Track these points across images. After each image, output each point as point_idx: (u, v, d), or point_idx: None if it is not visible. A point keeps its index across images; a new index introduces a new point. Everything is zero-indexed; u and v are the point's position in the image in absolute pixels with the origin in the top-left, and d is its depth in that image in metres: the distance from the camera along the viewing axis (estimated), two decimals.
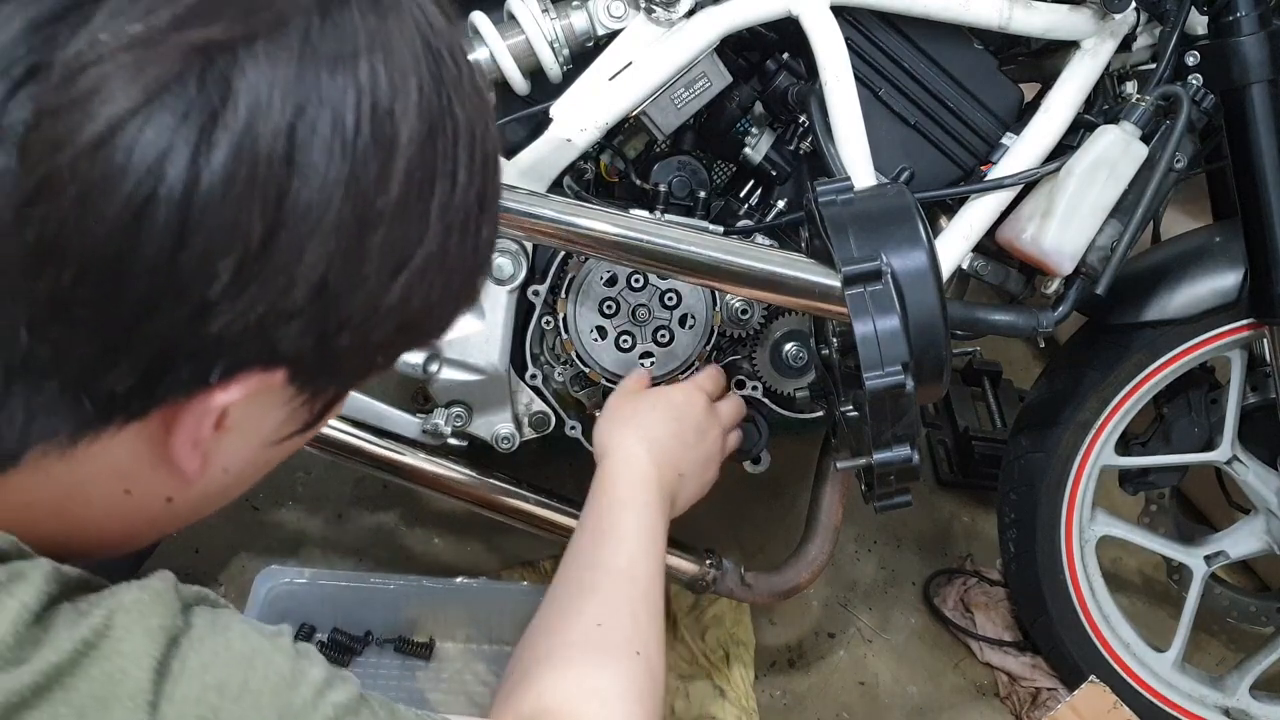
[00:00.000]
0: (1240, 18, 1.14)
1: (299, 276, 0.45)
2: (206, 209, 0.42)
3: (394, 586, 1.35)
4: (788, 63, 1.14)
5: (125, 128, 0.40)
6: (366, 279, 0.47)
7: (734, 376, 1.22)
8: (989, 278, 1.24)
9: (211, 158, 0.41)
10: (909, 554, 1.73)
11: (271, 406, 0.51)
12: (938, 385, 0.91)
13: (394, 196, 0.46)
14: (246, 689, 0.47)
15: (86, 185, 0.40)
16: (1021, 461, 1.41)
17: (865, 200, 0.93)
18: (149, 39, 0.41)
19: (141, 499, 0.52)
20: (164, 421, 0.48)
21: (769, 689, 1.50)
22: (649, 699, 0.76)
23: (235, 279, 0.43)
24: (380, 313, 0.48)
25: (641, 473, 0.97)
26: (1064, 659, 1.48)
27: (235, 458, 0.53)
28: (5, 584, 0.44)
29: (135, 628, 0.45)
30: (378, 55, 0.46)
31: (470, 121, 0.50)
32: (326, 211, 0.44)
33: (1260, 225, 1.21)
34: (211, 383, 0.46)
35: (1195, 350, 1.31)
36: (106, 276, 0.42)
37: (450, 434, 1.21)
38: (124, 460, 0.49)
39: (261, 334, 0.45)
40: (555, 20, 1.07)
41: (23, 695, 0.41)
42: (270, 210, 0.43)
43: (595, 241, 0.98)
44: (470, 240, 0.51)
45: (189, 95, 0.41)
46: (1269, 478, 1.36)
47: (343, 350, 0.49)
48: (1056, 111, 1.15)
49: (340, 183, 0.45)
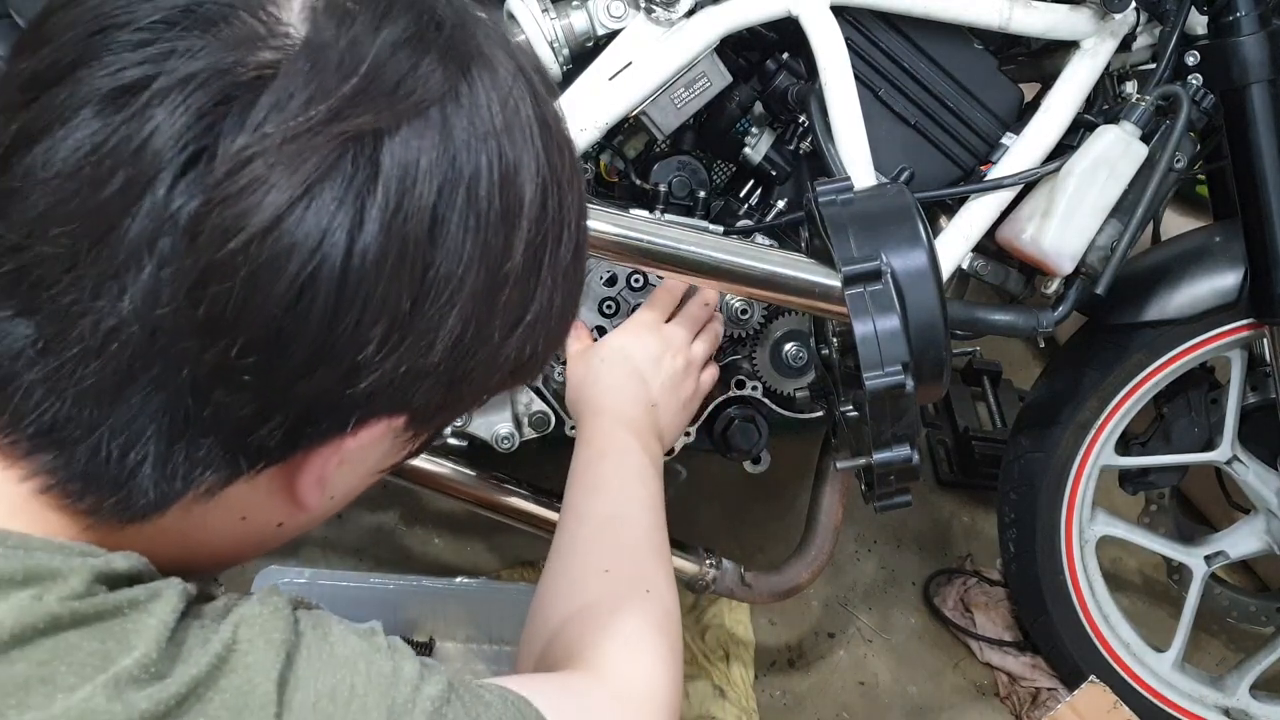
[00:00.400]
0: (1240, 18, 1.14)
1: (439, 339, 0.49)
2: (361, 284, 0.46)
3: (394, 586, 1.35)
4: (788, 63, 1.14)
5: (290, 215, 0.44)
6: (492, 335, 0.52)
7: (734, 376, 1.21)
8: (989, 278, 1.24)
9: (364, 237, 0.45)
10: (909, 554, 1.73)
11: (382, 443, 0.55)
12: (938, 385, 0.91)
13: (518, 260, 0.51)
14: (355, 692, 0.50)
15: (255, 268, 0.44)
16: (1021, 461, 1.41)
17: (865, 200, 0.93)
18: (309, 130, 0.44)
19: (255, 525, 0.56)
20: (295, 463, 0.52)
21: (769, 689, 1.50)
22: (666, 633, 0.78)
23: (383, 343, 0.47)
24: (499, 363, 0.53)
25: (611, 420, 0.97)
26: (1064, 659, 1.48)
27: (342, 486, 0.58)
28: (145, 603, 0.47)
29: (259, 641, 0.48)
30: (502, 132, 0.50)
31: (570, 181, 0.55)
32: (464, 280, 0.49)
33: (1260, 225, 1.22)
34: (347, 432, 0.51)
35: (1195, 350, 1.31)
36: (269, 346, 0.46)
37: (450, 434, 1.21)
38: (247, 495, 0.53)
39: (400, 390, 0.50)
40: (555, 20, 1.07)
41: (168, 706, 0.44)
42: (416, 282, 0.47)
43: (595, 241, 0.98)
44: (571, 289, 0.56)
45: (344, 182, 0.45)
46: (1269, 478, 1.36)
47: (461, 396, 0.54)
48: (1056, 111, 1.15)
49: (475, 253, 0.49)
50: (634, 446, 0.95)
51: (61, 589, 0.45)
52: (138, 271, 0.44)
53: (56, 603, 0.44)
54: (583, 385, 1.03)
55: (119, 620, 0.46)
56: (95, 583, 0.46)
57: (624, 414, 0.98)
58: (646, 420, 0.99)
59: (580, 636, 0.76)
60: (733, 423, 1.23)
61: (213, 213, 0.44)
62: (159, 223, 0.44)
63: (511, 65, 0.52)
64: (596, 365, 1.03)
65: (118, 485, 0.48)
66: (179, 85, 0.44)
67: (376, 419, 0.51)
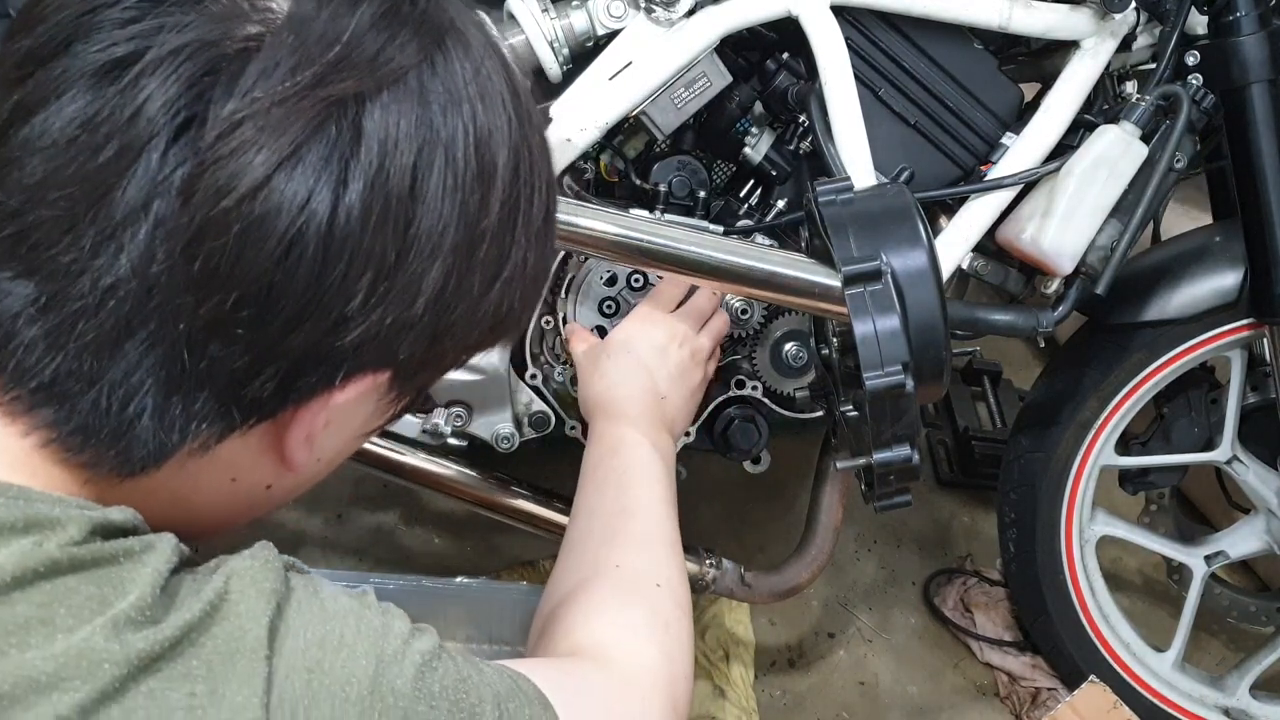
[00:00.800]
0: (1240, 17, 1.14)
1: (422, 291, 0.52)
2: (347, 239, 0.48)
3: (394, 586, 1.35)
4: (788, 63, 1.14)
5: (279, 174, 0.47)
6: (472, 289, 0.54)
7: (734, 376, 1.22)
8: (989, 278, 1.24)
9: (349, 195, 0.48)
10: (909, 554, 1.73)
11: (367, 402, 0.58)
12: (938, 385, 0.91)
13: (494, 218, 0.54)
14: (344, 641, 0.51)
15: (247, 225, 0.47)
16: (1021, 461, 1.41)
17: (865, 200, 0.93)
18: (295, 95, 0.47)
19: (245, 486, 0.58)
20: (284, 420, 0.54)
21: (769, 689, 1.50)
22: (676, 626, 0.80)
23: (369, 295, 0.50)
24: (479, 318, 0.56)
25: (619, 416, 0.98)
26: (1064, 659, 1.48)
27: (329, 448, 0.60)
28: (139, 553, 0.49)
29: (250, 590, 0.50)
30: (476, 101, 0.53)
31: (540, 149, 0.58)
32: (444, 236, 0.52)
33: (1260, 225, 1.21)
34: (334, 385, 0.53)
35: (1195, 350, 1.31)
36: (261, 299, 0.48)
37: (450, 434, 1.21)
38: (238, 453, 0.55)
39: (385, 341, 0.52)
40: (555, 20, 1.07)
41: (162, 647, 0.46)
42: (399, 237, 0.50)
43: (595, 241, 0.98)
44: (544, 249, 0.60)
45: (329, 143, 0.48)
46: (1269, 478, 1.36)
47: (443, 351, 0.56)
48: (1056, 111, 1.15)
49: (454, 210, 0.52)
50: (643, 442, 0.96)
51: (60, 536, 0.47)
52: (134, 231, 0.47)
53: (56, 549, 0.46)
54: (590, 383, 1.03)
55: (115, 568, 0.48)
56: (92, 533, 0.48)
57: (632, 409, 0.99)
58: (655, 414, 1.00)
59: (588, 629, 0.77)
60: (733, 423, 1.23)
61: (205, 174, 0.46)
62: (154, 185, 0.46)
63: (482, 38, 0.56)
64: (603, 362, 1.03)
65: (117, 437, 0.50)
66: (169, 57, 0.47)
67: (363, 373, 0.53)
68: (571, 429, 1.24)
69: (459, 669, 0.56)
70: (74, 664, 0.44)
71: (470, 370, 1.18)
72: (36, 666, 0.44)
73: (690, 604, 0.85)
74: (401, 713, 0.51)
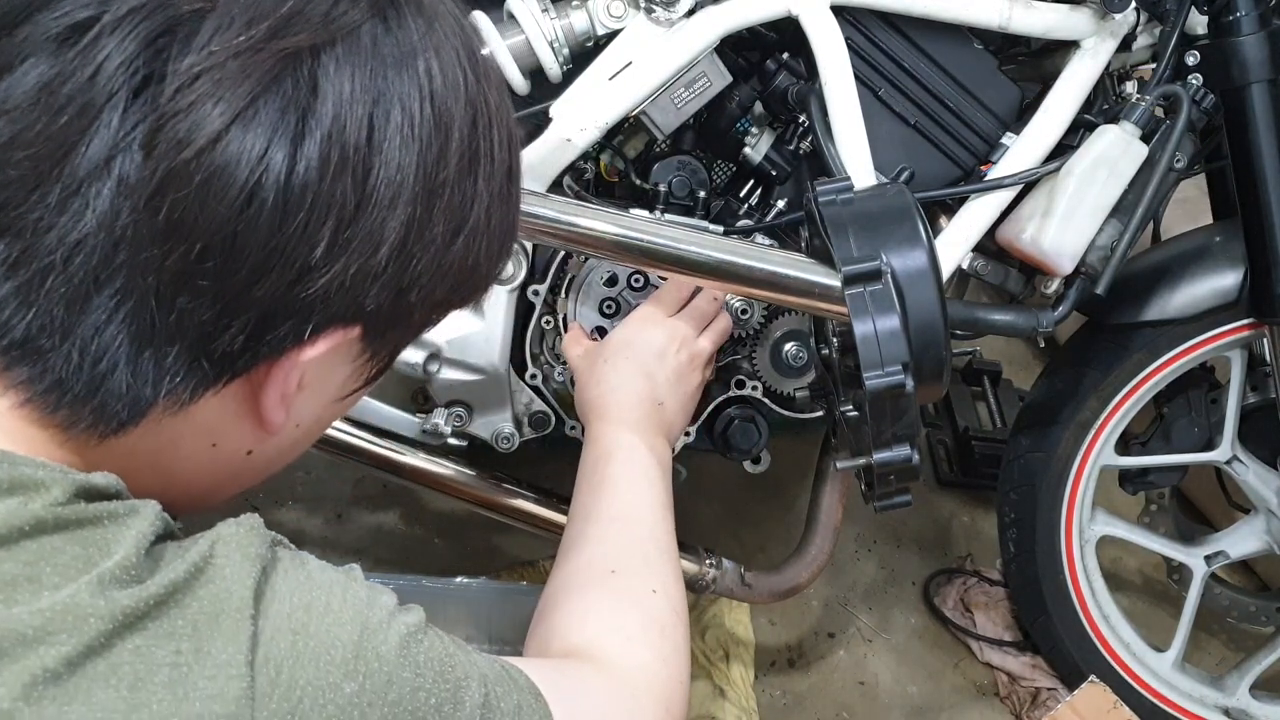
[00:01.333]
0: (1240, 17, 1.14)
1: (383, 240, 0.53)
2: (306, 187, 0.49)
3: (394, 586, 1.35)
4: (788, 63, 1.14)
5: (237, 124, 0.48)
6: (434, 240, 0.55)
7: (734, 376, 1.21)
8: (989, 278, 1.24)
9: (306, 146, 0.49)
10: (909, 554, 1.73)
11: (341, 363, 0.59)
12: (938, 385, 0.91)
13: (452, 170, 0.55)
14: (329, 608, 0.52)
15: (208, 175, 0.48)
16: (1021, 461, 1.41)
17: (865, 200, 0.93)
18: (250, 48, 0.48)
19: (226, 452, 0.58)
20: (258, 379, 0.55)
21: (769, 689, 1.50)
22: (671, 632, 0.80)
23: (332, 245, 0.51)
24: (443, 270, 0.57)
25: (616, 420, 0.98)
26: (1064, 659, 1.48)
27: (306, 413, 0.60)
28: (123, 516, 0.50)
29: (235, 555, 0.51)
30: (431, 53, 0.54)
31: (498, 105, 0.59)
32: (403, 185, 0.53)
33: (1260, 225, 1.21)
34: (304, 339, 0.53)
35: (1195, 350, 1.31)
36: (225, 249, 0.49)
37: (450, 434, 1.21)
38: (215, 415, 0.55)
39: (351, 292, 0.53)
40: (555, 20, 1.07)
41: (146, 605, 0.47)
42: (358, 186, 0.51)
43: (595, 241, 0.98)
44: (507, 206, 0.60)
45: (285, 94, 0.49)
46: (1269, 478, 1.36)
47: (410, 306, 0.57)
48: (1056, 111, 1.15)
49: (412, 160, 0.53)
50: (640, 446, 0.96)
51: (45, 498, 0.48)
52: (99, 187, 0.48)
53: (41, 509, 0.47)
54: (587, 386, 1.03)
55: (99, 529, 0.49)
56: (76, 495, 0.49)
57: (629, 414, 0.98)
58: (652, 419, 0.99)
59: (584, 634, 0.77)
60: (733, 423, 1.23)
61: (165, 127, 0.47)
62: (115, 142, 0.48)
63: None
64: (600, 365, 1.03)
65: (91, 392, 0.51)
66: (126, 17, 0.48)
67: (332, 328, 0.54)
68: (571, 429, 1.24)
69: (446, 646, 0.57)
70: (60, 619, 0.45)
71: (470, 370, 1.18)
72: (24, 621, 0.44)
73: (686, 610, 0.85)
74: (385, 677, 0.52)
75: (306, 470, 1.70)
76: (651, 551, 0.87)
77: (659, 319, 1.05)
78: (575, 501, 0.93)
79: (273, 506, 1.66)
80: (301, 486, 1.69)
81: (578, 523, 0.91)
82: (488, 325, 1.16)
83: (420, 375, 1.15)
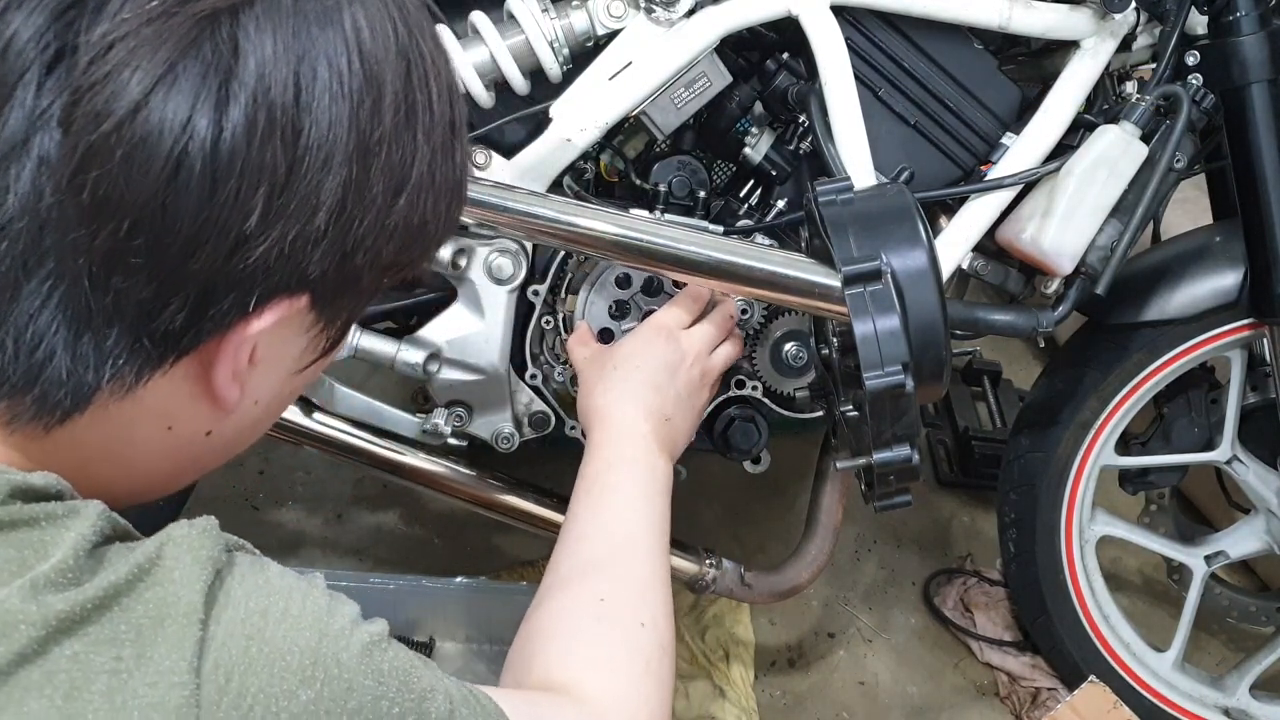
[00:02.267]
0: (1240, 18, 1.14)
1: (320, 204, 0.51)
2: (234, 154, 0.48)
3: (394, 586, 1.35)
4: (788, 63, 1.14)
5: (156, 93, 0.46)
6: (375, 200, 0.53)
7: (734, 376, 1.22)
8: (989, 278, 1.24)
9: (231, 110, 0.47)
10: (909, 554, 1.73)
11: (294, 335, 0.57)
12: (938, 385, 0.91)
13: (388, 126, 0.53)
14: (287, 614, 0.51)
15: (130, 148, 0.46)
16: (1021, 461, 1.41)
17: (865, 200, 0.93)
18: (165, 13, 0.46)
19: (182, 434, 0.56)
20: (205, 356, 0.53)
21: (769, 689, 1.50)
22: (657, 669, 0.77)
23: (266, 212, 0.49)
24: (388, 230, 0.54)
25: (619, 432, 0.94)
26: (1064, 659, 1.48)
27: (264, 389, 0.58)
28: (63, 518, 0.48)
29: (185, 557, 0.49)
30: (356, 6, 0.52)
31: (434, 56, 0.56)
32: (336, 144, 0.51)
33: (1260, 225, 1.21)
34: (249, 312, 0.51)
35: (1195, 350, 1.31)
36: (155, 224, 0.47)
37: (450, 434, 1.21)
38: (167, 397, 0.54)
39: (292, 259, 0.51)
40: (555, 20, 1.07)
41: (84, 610, 0.45)
42: (289, 149, 0.49)
43: (595, 241, 0.98)
44: (451, 160, 0.58)
45: (205, 58, 0.47)
46: (1269, 478, 1.36)
47: (357, 270, 0.55)
48: (1056, 111, 1.15)
49: (343, 119, 0.51)
50: (642, 461, 0.93)
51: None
52: (18, 170, 0.46)
53: None
54: (594, 393, 0.99)
55: (35, 531, 0.47)
56: (11, 496, 0.47)
57: (635, 427, 0.95)
58: (659, 434, 0.96)
59: (564, 664, 0.74)
60: (733, 423, 1.23)
61: (82, 101, 0.46)
62: (32, 120, 0.46)
63: None
64: (609, 372, 0.99)
65: (30, 381, 0.49)
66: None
67: (278, 298, 0.52)
68: (572, 429, 1.24)
69: (410, 658, 0.55)
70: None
71: (470, 370, 1.18)
72: None
73: (674, 642, 0.81)
74: (345, 684, 0.50)
75: (306, 470, 1.70)
76: (644, 579, 0.83)
77: (673, 332, 1.02)
78: (571, 515, 0.89)
79: (272, 506, 1.66)
80: (301, 486, 1.69)
81: (572, 539, 0.87)
82: (488, 325, 1.16)
83: (420, 375, 1.16)
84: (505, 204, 1.01)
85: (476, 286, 1.14)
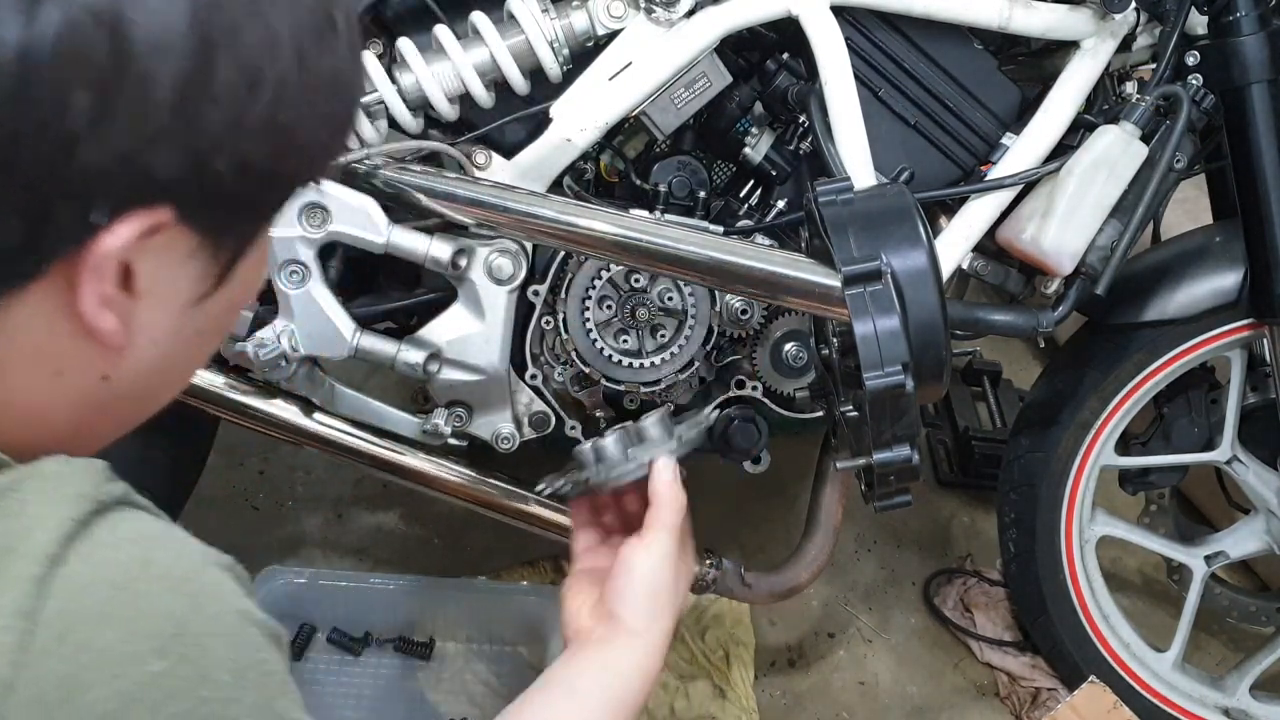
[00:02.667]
0: (1240, 18, 1.14)
1: (154, 97, 0.46)
2: (57, 55, 0.44)
3: (394, 586, 1.36)
4: (788, 63, 1.14)
5: None
6: (223, 95, 0.48)
7: (734, 376, 1.22)
8: (989, 278, 1.24)
9: (45, 9, 0.44)
10: (909, 554, 1.73)
11: (177, 262, 0.52)
12: (938, 385, 0.91)
13: (238, 13, 0.48)
14: (169, 573, 0.47)
15: None
16: (1021, 461, 1.41)
17: (865, 200, 0.93)
18: None
19: (75, 379, 0.52)
20: (66, 282, 0.49)
21: (769, 689, 1.50)
22: None
23: (94, 108, 0.45)
24: (248, 130, 0.50)
25: (656, 664, 0.84)
26: (1064, 659, 1.48)
27: (158, 326, 0.53)
28: None
29: (50, 491, 0.46)
30: None
31: None
32: (167, 32, 0.46)
33: (1260, 225, 1.21)
34: (96, 225, 0.47)
35: (1195, 350, 1.31)
36: None
37: (450, 434, 1.21)
38: (42, 335, 0.50)
39: (132, 162, 0.47)
40: (555, 20, 1.07)
41: None
42: (114, 38, 0.45)
43: (595, 241, 0.98)
44: (327, 56, 0.52)
45: None
46: (1269, 478, 1.36)
47: (223, 176, 0.50)
48: (1056, 111, 1.15)
49: (177, 7, 0.47)
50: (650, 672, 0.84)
51: None
52: None
53: None
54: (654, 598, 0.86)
55: None
56: None
57: (658, 643, 0.85)
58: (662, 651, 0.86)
59: None
60: (733, 423, 1.23)
61: None
62: None
63: None
64: (668, 584, 0.88)
65: None
66: None
67: (131, 210, 0.48)
68: (571, 429, 1.24)
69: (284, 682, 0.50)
70: None
71: (470, 370, 1.18)
72: None
73: None
74: (201, 672, 0.46)
75: (306, 470, 1.70)
76: None
77: (684, 551, 0.94)
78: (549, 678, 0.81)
79: (272, 507, 1.66)
80: (301, 486, 1.69)
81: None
82: (488, 325, 1.16)
83: (420, 375, 1.16)
84: (505, 204, 1.01)
85: (476, 286, 1.14)
